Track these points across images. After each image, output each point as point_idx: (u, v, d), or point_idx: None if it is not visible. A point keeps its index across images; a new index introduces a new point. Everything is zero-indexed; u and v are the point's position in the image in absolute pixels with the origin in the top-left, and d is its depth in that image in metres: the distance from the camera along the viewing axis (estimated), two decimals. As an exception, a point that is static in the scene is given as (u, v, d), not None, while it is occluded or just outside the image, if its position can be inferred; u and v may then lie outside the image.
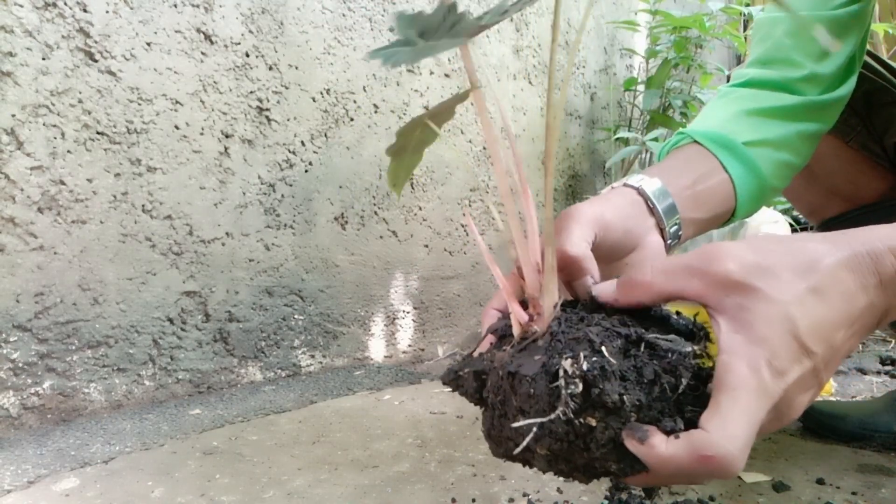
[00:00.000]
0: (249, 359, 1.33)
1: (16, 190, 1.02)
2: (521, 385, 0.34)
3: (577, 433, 0.33)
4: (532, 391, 0.34)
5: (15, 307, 1.02)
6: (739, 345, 0.33)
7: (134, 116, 1.14)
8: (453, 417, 1.09)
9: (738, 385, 0.32)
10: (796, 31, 0.68)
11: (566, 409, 0.32)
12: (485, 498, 0.75)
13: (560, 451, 0.34)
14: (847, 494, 0.74)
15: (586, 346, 0.34)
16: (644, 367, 0.34)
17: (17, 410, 1.04)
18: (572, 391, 0.32)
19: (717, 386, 0.33)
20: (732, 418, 0.31)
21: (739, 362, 0.32)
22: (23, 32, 1.01)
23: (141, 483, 0.83)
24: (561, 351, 0.34)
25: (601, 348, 0.34)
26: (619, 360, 0.34)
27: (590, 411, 0.33)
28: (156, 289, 1.19)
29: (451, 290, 1.74)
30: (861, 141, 0.90)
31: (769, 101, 0.66)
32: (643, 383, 0.34)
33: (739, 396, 0.32)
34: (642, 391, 0.33)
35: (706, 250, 0.35)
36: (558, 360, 0.33)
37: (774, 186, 0.67)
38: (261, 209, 1.33)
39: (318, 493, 0.78)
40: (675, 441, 0.32)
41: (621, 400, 0.32)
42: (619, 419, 0.33)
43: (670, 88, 2.13)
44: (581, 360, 0.33)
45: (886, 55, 2.10)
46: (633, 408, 0.33)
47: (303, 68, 1.39)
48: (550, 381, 0.33)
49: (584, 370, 0.32)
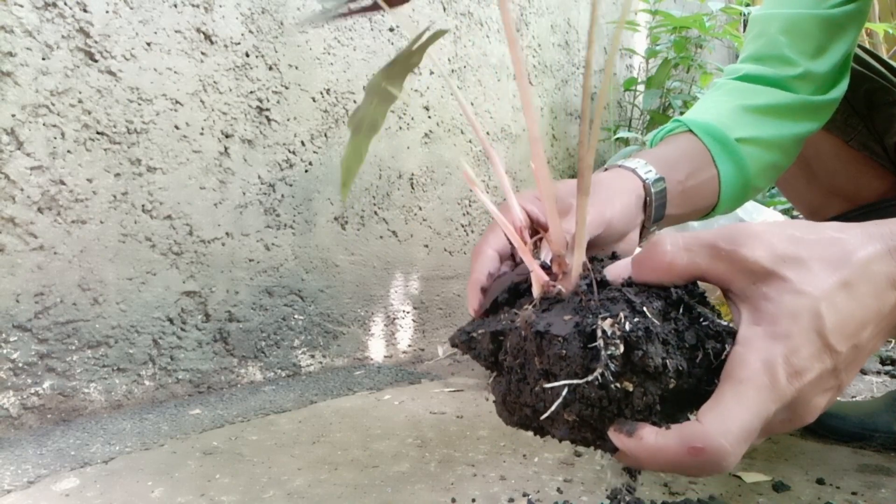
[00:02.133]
0: (249, 359, 1.33)
1: (16, 190, 1.02)
2: (552, 346, 0.32)
3: (612, 398, 0.31)
4: (564, 352, 0.31)
5: (15, 307, 1.02)
6: (758, 337, 0.31)
7: (134, 116, 1.14)
8: (453, 417, 1.09)
9: (747, 380, 0.30)
10: (791, 28, 0.68)
11: (605, 371, 0.30)
12: (485, 498, 0.75)
13: (589, 416, 0.32)
14: (847, 494, 0.74)
15: (625, 306, 0.32)
16: (685, 331, 0.32)
17: (17, 410, 1.04)
18: (612, 353, 0.30)
19: (724, 377, 0.31)
20: (732, 413, 0.30)
21: (754, 356, 0.31)
22: (23, 32, 1.01)
23: (141, 483, 0.83)
24: (596, 311, 0.32)
25: (643, 308, 0.31)
26: (661, 322, 0.31)
27: (628, 375, 0.31)
28: (156, 289, 1.19)
29: (451, 290, 1.74)
30: (862, 141, 0.90)
31: (766, 97, 0.66)
32: (685, 348, 0.32)
33: (745, 392, 0.30)
34: (684, 357, 0.31)
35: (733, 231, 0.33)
36: (594, 320, 0.31)
37: (757, 186, 0.67)
38: (261, 209, 1.33)
39: (318, 493, 0.78)
40: (666, 432, 0.31)
41: (664, 364, 0.30)
42: (659, 385, 0.31)
43: (670, 88, 2.13)
44: (622, 321, 0.30)
45: (886, 55, 2.10)
46: (674, 373, 0.31)
47: (303, 68, 1.39)
48: (586, 342, 0.31)
49: (627, 331, 0.30)
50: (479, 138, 0.34)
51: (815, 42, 0.67)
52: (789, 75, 0.67)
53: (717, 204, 0.64)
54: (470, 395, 1.25)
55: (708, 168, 0.62)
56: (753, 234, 0.32)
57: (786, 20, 0.68)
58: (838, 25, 0.67)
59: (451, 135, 1.71)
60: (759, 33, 0.70)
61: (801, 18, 0.67)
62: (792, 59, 0.67)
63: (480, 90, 1.79)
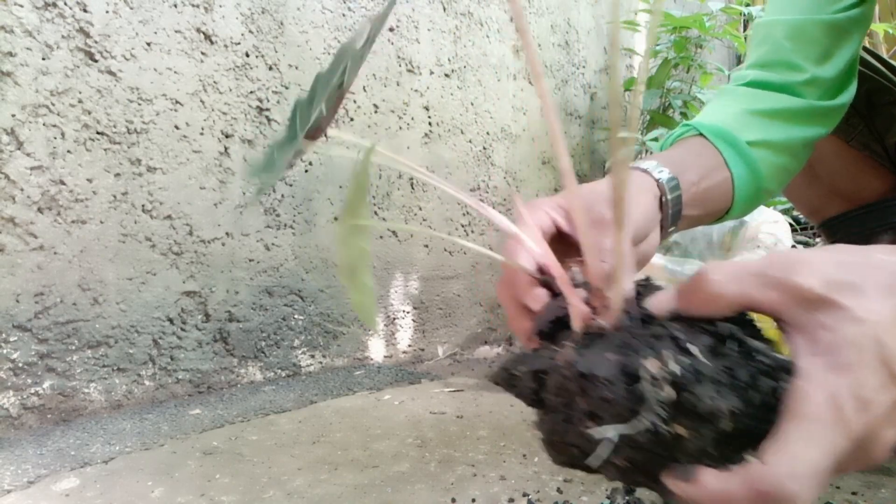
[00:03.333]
0: (249, 359, 1.33)
1: (16, 190, 1.02)
2: (596, 388, 0.30)
3: (663, 443, 0.29)
4: (609, 395, 0.30)
5: (15, 307, 1.02)
6: (819, 370, 0.29)
7: (134, 116, 1.14)
8: (453, 417, 1.09)
9: (812, 416, 0.28)
10: (796, 34, 0.67)
11: (653, 417, 0.28)
12: (485, 498, 0.75)
13: (640, 461, 0.30)
14: (847, 494, 0.74)
15: (671, 343, 0.30)
16: (738, 367, 0.30)
17: (17, 410, 1.04)
18: (661, 396, 0.29)
19: (786, 414, 0.29)
20: (799, 453, 0.28)
21: (817, 390, 0.29)
22: (23, 32, 1.01)
23: (141, 483, 0.82)
24: (639, 349, 0.30)
25: (688, 346, 0.30)
26: (710, 362, 0.30)
27: (679, 419, 0.29)
28: (156, 289, 1.19)
29: (451, 290, 1.74)
30: (863, 141, 0.89)
31: (773, 102, 0.66)
32: (738, 387, 0.30)
33: (811, 429, 0.28)
34: (737, 395, 0.30)
35: (781, 258, 0.32)
36: (638, 360, 0.30)
37: (769, 189, 0.67)
38: (261, 209, 1.33)
39: (318, 493, 0.78)
40: (728, 476, 0.29)
41: (716, 406, 0.29)
42: (712, 427, 0.29)
43: (670, 88, 2.13)
44: (668, 361, 0.29)
45: (886, 55, 2.10)
46: (728, 415, 0.29)
47: (303, 68, 1.39)
48: (630, 384, 0.29)
49: (675, 372, 0.29)
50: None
51: (820, 47, 0.66)
52: (796, 81, 0.66)
53: (731, 206, 0.64)
54: (470, 395, 1.24)
55: (720, 170, 0.61)
56: (803, 260, 0.31)
57: (790, 26, 0.68)
58: (843, 30, 0.67)
59: (451, 135, 1.71)
60: (764, 39, 0.70)
61: (806, 24, 0.67)
62: (798, 64, 0.67)
63: (480, 90, 1.79)
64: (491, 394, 1.25)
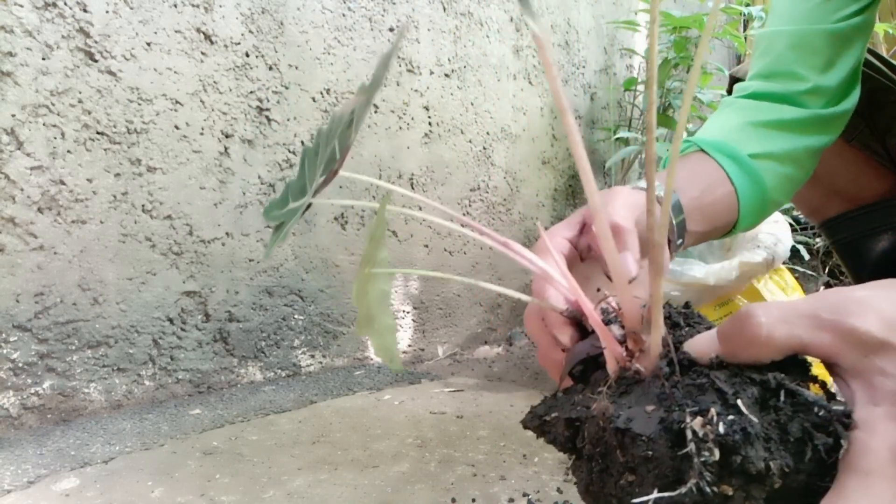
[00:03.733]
0: (249, 359, 1.33)
1: (16, 190, 1.02)
2: (635, 445, 0.29)
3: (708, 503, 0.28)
4: (650, 454, 0.28)
5: (15, 307, 1.02)
6: (879, 420, 0.27)
7: (134, 116, 1.14)
8: (453, 417, 1.09)
9: (875, 472, 0.26)
10: (798, 44, 0.67)
11: (700, 480, 0.26)
12: (485, 498, 0.75)
13: None
14: None
15: (715, 396, 0.28)
16: (789, 422, 0.28)
17: (17, 410, 1.04)
18: (707, 459, 0.27)
19: (845, 468, 0.27)
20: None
21: (878, 442, 0.27)
22: (23, 32, 1.01)
23: (141, 483, 0.82)
24: (681, 402, 0.28)
25: (736, 401, 0.28)
26: (758, 416, 0.28)
27: (726, 479, 0.27)
28: (156, 289, 1.19)
29: (451, 290, 1.74)
30: (863, 140, 0.89)
31: (775, 113, 0.66)
32: (789, 442, 0.28)
33: (874, 485, 0.26)
34: (789, 452, 0.28)
35: (832, 297, 0.30)
36: (681, 416, 0.28)
37: (776, 200, 0.66)
38: (261, 209, 1.33)
39: (318, 493, 0.78)
40: None
41: (767, 467, 0.27)
42: (763, 488, 0.28)
43: (670, 88, 2.13)
44: (714, 419, 0.27)
45: (886, 55, 2.10)
46: (779, 474, 0.27)
47: (303, 68, 1.39)
48: (674, 443, 0.28)
49: (721, 433, 0.27)
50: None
51: (823, 57, 0.66)
52: (799, 90, 0.66)
53: (738, 220, 0.63)
54: (470, 395, 1.24)
55: (723, 184, 0.61)
56: (858, 300, 0.29)
57: (792, 36, 0.67)
58: (846, 38, 0.66)
59: (451, 135, 1.71)
60: (766, 51, 0.70)
61: (808, 34, 0.66)
62: (801, 74, 0.66)
63: (480, 90, 1.79)
64: (491, 394, 1.25)
